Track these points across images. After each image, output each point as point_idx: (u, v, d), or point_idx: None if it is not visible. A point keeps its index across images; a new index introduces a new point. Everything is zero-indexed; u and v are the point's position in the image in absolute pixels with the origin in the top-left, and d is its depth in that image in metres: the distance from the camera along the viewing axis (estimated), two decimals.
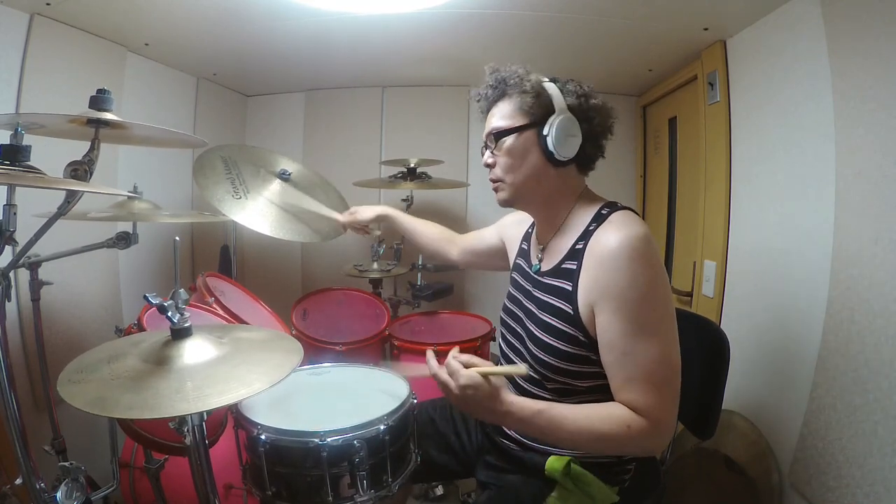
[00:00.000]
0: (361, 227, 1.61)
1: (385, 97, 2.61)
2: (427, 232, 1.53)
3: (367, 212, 1.57)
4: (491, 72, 1.04)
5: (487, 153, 1.04)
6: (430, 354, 0.99)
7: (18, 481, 1.00)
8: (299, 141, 2.67)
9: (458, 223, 2.63)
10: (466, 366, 0.92)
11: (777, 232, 1.48)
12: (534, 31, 1.74)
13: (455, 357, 0.94)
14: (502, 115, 1.01)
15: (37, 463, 0.99)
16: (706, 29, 1.67)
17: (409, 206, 2.25)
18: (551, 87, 0.98)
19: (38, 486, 0.97)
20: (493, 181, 1.05)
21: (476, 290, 2.65)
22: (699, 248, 1.89)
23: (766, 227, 1.53)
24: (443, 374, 0.93)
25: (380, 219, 1.57)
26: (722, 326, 1.37)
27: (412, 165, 2.16)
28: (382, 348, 1.79)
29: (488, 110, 1.05)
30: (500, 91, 1.02)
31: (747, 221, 1.65)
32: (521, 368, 0.91)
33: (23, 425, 0.97)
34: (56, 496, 0.97)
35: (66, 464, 1.02)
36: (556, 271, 1.00)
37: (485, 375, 0.90)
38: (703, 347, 1.20)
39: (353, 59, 2.14)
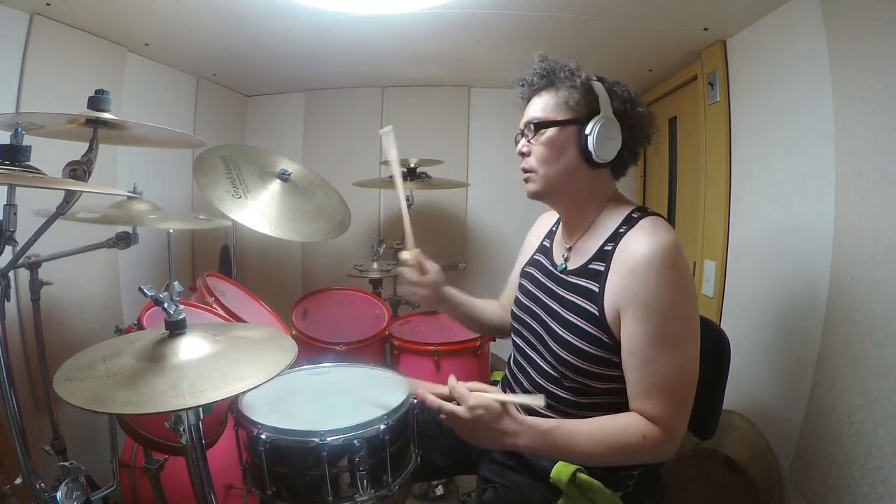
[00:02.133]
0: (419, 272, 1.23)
1: (385, 97, 2.61)
2: (487, 307, 1.36)
3: (436, 277, 1.24)
4: (540, 59, 1.02)
5: (523, 141, 1.02)
6: (431, 398, 0.93)
7: (18, 481, 1.00)
8: (299, 141, 2.67)
9: (458, 223, 2.63)
10: (472, 391, 0.90)
11: (777, 232, 1.48)
12: (534, 31, 1.74)
13: (459, 384, 0.92)
14: (545, 106, 0.99)
15: (37, 463, 0.99)
16: (706, 29, 1.67)
17: (409, 206, 2.25)
18: (599, 88, 0.97)
19: (38, 486, 0.98)
20: (525, 171, 1.03)
21: (476, 290, 2.63)
22: (699, 248, 1.89)
23: (766, 227, 1.53)
24: (448, 404, 0.90)
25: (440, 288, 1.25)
26: (722, 326, 1.37)
27: (412, 165, 2.15)
28: (382, 348, 1.79)
29: (529, 98, 1.03)
30: (547, 81, 1.00)
31: (747, 221, 1.65)
32: (539, 400, 0.87)
33: (23, 425, 0.97)
34: (56, 496, 0.97)
35: (66, 464, 1.02)
36: (583, 271, 0.99)
37: (500, 402, 0.88)
38: (702, 347, 1.19)
39: (353, 59, 2.14)
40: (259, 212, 1.64)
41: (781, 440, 1.39)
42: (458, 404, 0.90)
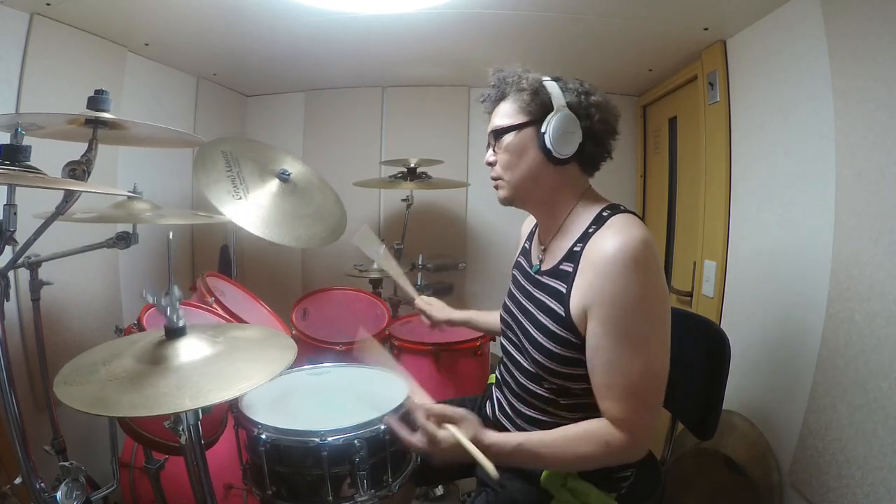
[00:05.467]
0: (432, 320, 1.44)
1: (385, 97, 2.61)
2: (488, 318, 1.42)
3: (440, 313, 1.43)
4: (494, 72, 1.05)
5: (490, 151, 1.05)
6: (395, 426, 0.96)
7: (18, 481, 1.00)
8: (299, 141, 2.67)
9: (458, 223, 2.63)
10: (441, 418, 0.91)
11: (777, 232, 1.48)
12: (534, 32, 1.75)
13: (428, 415, 0.93)
14: (503, 114, 1.01)
15: (37, 463, 0.99)
16: (706, 29, 1.67)
17: (409, 205, 2.25)
18: (551, 85, 0.98)
19: (38, 486, 0.98)
20: (494, 179, 1.05)
21: (476, 290, 2.65)
22: (699, 248, 1.89)
23: (766, 227, 1.53)
24: (419, 442, 0.92)
25: (453, 322, 1.44)
26: (722, 326, 1.37)
27: (412, 165, 2.15)
28: (382, 348, 1.79)
29: (492, 110, 1.06)
30: (501, 90, 1.03)
31: (747, 221, 1.65)
32: (493, 472, 0.84)
33: (23, 425, 0.97)
34: (56, 496, 0.97)
35: (66, 464, 1.02)
36: (554, 272, 0.99)
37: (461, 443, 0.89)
38: (703, 347, 1.20)
39: (353, 59, 2.14)
40: (256, 214, 1.63)
41: (781, 440, 1.39)
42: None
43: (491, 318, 1.38)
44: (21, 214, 0.88)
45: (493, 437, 0.91)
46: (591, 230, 0.95)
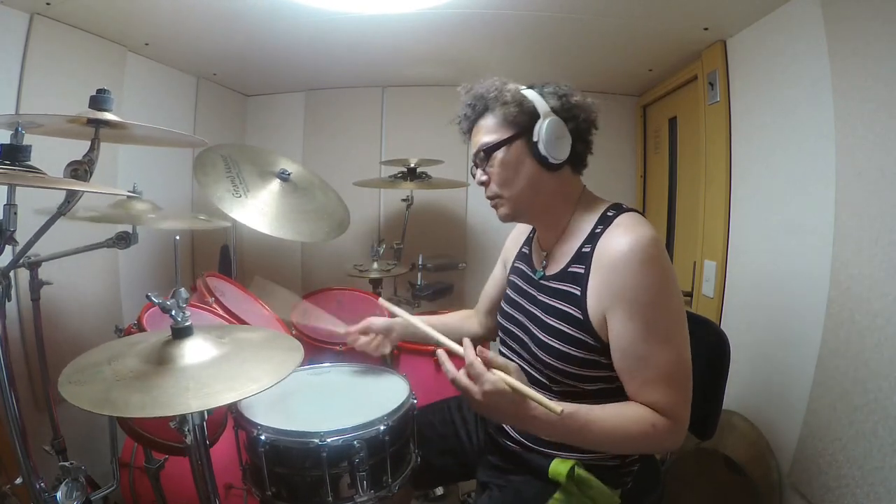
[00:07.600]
0: (372, 339, 1.28)
1: (385, 97, 2.61)
2: (448, 322, 1.41)
3: (377, 322, 1.29)
4: (466, 91, 1.03)
5: (479, 171, 1.03)
6: (443, 356, 0.90)
7: (18, 481, 1.00)
8: (299, 141, 2.67)
9: (458, 223, 2.63)
10: (489, 362, 0.84)
11: (777, 232, 1.48)
12: (534, 32, 1.74)
13: (479, 356, 0.85)
14: (488, 131, 1.00)
15: (37, 463, 0.99)
16: (706, 29, 1.67)
17: (409, 205, 2.25)
18: (531, 94, 0.98)
19: (38, 486, 0.98)
20: (491, 198, 1.04)
21: (476, 290, 2.62)
22: (699, 248, 1.89)
23: (766, 227, 1.53)
24: (463, 379, 0.84)
25: (391, 330, 1.28)
26: (722, 326, 1.37)
27: (412, 165, 2.15)
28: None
29: (471, 130, 1.04)
30: (480, 108, 1.01)
31: (747, 221, 1.65)
32: (556, 407, 0.79)
33: (23, 425, 0.97)
34: (56, 496, 0.97)
35: (66, 464, 1.02)
36: (563, 275, 0.99)
37: (511, 386, 0.82)
38: (703, 347, 1.19)
39: (353, 59, 2.14)
40: (259, 211, 1.64)
41: (781, 440, 1.39)
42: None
43: (464, 328, 1.38)
44: (22, 213, 0.88)
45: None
46: (598, 230, 0.95)
